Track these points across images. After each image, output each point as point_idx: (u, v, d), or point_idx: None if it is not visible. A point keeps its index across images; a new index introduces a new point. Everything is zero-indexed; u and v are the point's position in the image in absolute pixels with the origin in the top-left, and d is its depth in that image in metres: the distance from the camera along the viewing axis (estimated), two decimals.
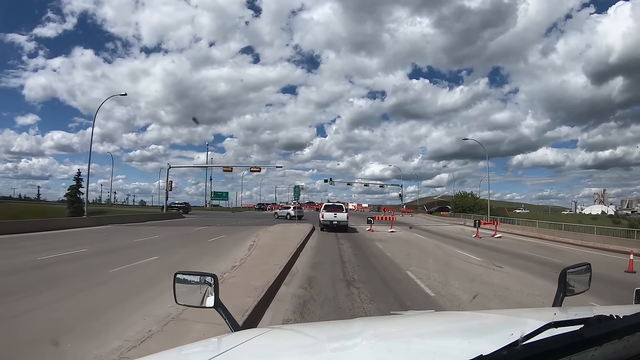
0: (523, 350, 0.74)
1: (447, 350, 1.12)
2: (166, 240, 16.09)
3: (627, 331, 0.81)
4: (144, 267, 9.28)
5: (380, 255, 12.55)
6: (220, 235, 17.63)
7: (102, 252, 11.99)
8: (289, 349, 1.25)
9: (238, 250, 11.93)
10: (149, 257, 10.56)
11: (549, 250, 15.69)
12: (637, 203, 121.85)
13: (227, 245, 13.56)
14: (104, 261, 9.86)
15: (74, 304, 5.87)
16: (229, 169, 43.77)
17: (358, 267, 9.85)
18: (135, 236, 16.86)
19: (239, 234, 18.78)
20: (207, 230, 21.92)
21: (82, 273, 8.37)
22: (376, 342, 1.26)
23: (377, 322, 2.03)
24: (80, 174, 35.26)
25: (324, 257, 11.61)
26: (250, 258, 9.82)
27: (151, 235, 17.75)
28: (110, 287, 7.13)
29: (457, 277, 8.54)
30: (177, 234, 19.67)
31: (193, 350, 1.28)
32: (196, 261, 10.20)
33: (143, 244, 14.39)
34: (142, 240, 15.35)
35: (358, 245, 15.06)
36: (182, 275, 1.60)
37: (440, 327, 1.56)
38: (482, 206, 42.82)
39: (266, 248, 11.94)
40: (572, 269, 1.64)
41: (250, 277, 7.33)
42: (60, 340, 4.18)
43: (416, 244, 16.79)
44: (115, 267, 8.81)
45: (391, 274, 8.98)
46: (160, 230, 21.00)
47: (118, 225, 24.38)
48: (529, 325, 0.95)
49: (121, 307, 5.63)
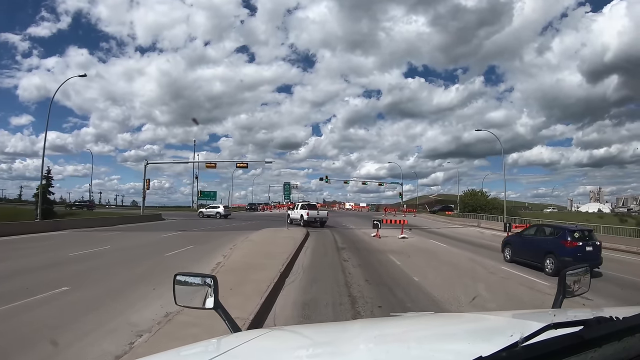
0: (523, 352, 0.74)
1: (446, 352, 1.15)
2: (112, 254, 12.08)
3: (626, 332, 0.82)
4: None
5: (403, 279, 8.67)
6: (187, 246, 13.64)
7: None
8: (288, 350, 1.24)
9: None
10: (46, 290, 6.61)
11: (619, 264, 11.82)
12: (632, 201, 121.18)
13: (184, 265, 9.53)
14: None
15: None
16: (213, 165, 39.61)
17: (378, 311, 5.95)
18: (81, 246, 12.91)
19: (212, 243, 14.91)
20: (177, 237, 17.97)
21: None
22: (375, 344, 1.28)
23: (376, 324, 2.01)
24: (50, 172, 31.31)
25: (322, 288, 7.68)
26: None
27: (103, 244, 13.92)
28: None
29: None
30: (136, 243, 15.61)
31: (193, 351, 1.29)
32: (110, 306, 6.21)
33: (74, 260, 10.37)
34: (81, 255, 11.32)
35: (368, 262, 11.10)
36: (182, 277, 1.61)
37: (440, 328, 1.56)
38: (495, 205, 39.21)
39: (236, 273, 7.96)
40: (572, 270, 1.64)
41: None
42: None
43: (443, 257, 12.84)
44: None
45: None
46: (121, 238, 17.10)
47: (77, 231, 20.38)
48: (529, 326, 0.91)
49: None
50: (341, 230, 22.83)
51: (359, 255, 12.46)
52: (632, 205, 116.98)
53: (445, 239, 19.14)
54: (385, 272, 9.53)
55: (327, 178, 54.81)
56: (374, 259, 11.64)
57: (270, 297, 6.18)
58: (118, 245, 14.46)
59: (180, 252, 12.26)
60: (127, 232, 20.46)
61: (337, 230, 22.58)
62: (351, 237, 18.39)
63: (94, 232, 20.08)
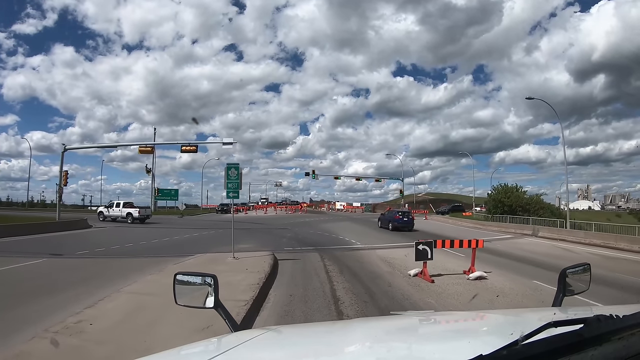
0: (523, 350, 0.73)
1: (446, 350, 1.12)
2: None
3: (626, 331, 0.81)
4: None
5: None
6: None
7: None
8: (289, 349, 1.22)
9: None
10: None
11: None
12: (620, 198, 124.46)
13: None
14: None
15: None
16: (148, 149, 29.66)
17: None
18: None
19: (83, 288, 5.24)
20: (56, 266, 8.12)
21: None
22: (376, 342, 1.28)
23: (377, 322, 1.99)
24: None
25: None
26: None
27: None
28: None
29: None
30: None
31: (193, 350, 1.27)
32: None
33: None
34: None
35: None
36: (183, 276, 1.61)
37: (440, 327, 1.56)
38: (541, 205, 29.97)
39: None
40: (572, 269, 1.64)
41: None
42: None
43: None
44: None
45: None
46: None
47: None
48: (529, 325, 0.88)
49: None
50: (340, 254, 12.65)
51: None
52: (621, 203, 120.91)
53: (551, 275, 9.45)
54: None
55: (314, 172, 49.17)
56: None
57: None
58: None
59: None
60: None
61: (334, 255, 12.11)
62: (368, 278, 8.66)
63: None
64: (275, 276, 8.44)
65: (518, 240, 19.14)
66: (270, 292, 7.02)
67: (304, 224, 27.77)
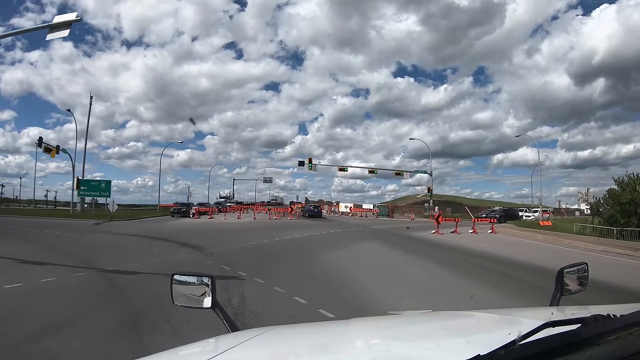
0: (520, 350, 0.74)
1: (444, 350, 1.12)
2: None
3: (623, 330, 0.81)
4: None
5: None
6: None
7: None
8: (287, 349, 1.22)
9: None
10: None
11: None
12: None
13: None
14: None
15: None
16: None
17: None
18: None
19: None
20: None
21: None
22: (374, 342, 1.28)
23: (375, 322, 1.95)
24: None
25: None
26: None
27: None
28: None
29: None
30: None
31: (191, 350, 1.28)
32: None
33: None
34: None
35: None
36: (179, 277, 1.59)
37: (438, 326, 1.55)
38: None
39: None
40: (569, 268, 1.65)
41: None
42: None
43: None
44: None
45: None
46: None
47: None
48: (526, 324, 0.90)
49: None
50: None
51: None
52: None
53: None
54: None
55: (311, 161, 43.72)
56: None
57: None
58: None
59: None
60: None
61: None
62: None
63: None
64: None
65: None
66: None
67: (276, 254, 11.42)
